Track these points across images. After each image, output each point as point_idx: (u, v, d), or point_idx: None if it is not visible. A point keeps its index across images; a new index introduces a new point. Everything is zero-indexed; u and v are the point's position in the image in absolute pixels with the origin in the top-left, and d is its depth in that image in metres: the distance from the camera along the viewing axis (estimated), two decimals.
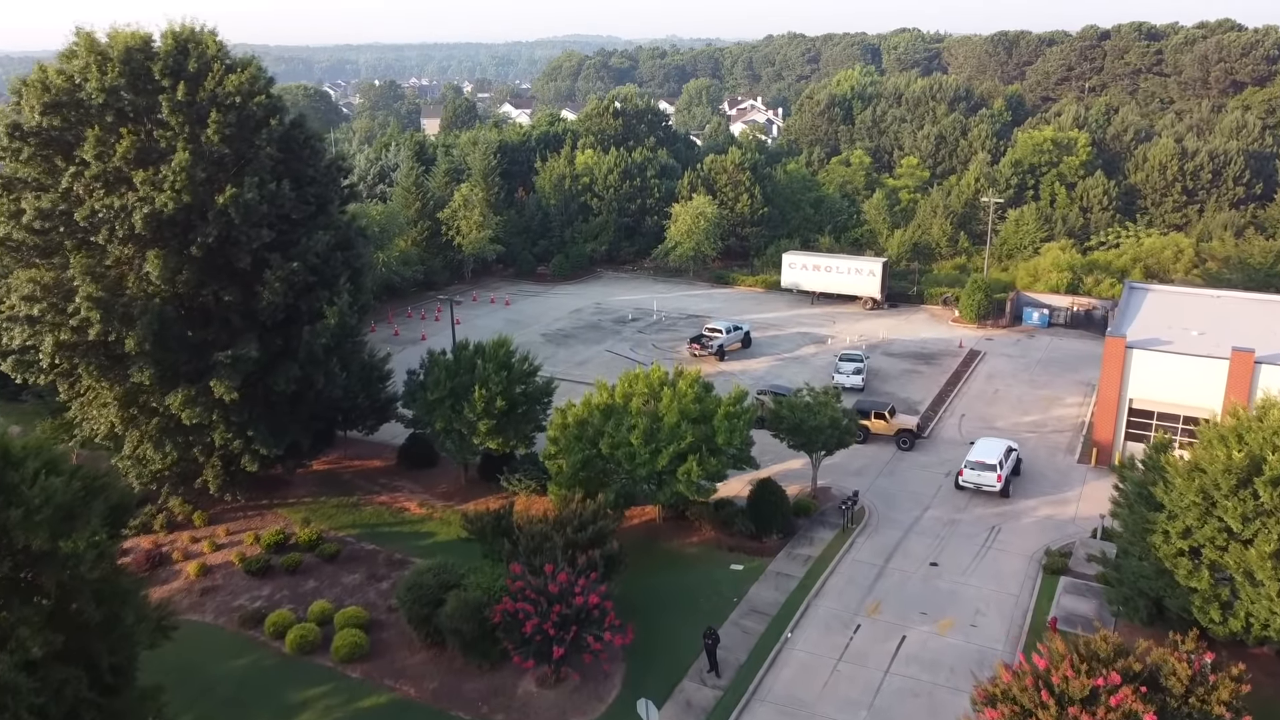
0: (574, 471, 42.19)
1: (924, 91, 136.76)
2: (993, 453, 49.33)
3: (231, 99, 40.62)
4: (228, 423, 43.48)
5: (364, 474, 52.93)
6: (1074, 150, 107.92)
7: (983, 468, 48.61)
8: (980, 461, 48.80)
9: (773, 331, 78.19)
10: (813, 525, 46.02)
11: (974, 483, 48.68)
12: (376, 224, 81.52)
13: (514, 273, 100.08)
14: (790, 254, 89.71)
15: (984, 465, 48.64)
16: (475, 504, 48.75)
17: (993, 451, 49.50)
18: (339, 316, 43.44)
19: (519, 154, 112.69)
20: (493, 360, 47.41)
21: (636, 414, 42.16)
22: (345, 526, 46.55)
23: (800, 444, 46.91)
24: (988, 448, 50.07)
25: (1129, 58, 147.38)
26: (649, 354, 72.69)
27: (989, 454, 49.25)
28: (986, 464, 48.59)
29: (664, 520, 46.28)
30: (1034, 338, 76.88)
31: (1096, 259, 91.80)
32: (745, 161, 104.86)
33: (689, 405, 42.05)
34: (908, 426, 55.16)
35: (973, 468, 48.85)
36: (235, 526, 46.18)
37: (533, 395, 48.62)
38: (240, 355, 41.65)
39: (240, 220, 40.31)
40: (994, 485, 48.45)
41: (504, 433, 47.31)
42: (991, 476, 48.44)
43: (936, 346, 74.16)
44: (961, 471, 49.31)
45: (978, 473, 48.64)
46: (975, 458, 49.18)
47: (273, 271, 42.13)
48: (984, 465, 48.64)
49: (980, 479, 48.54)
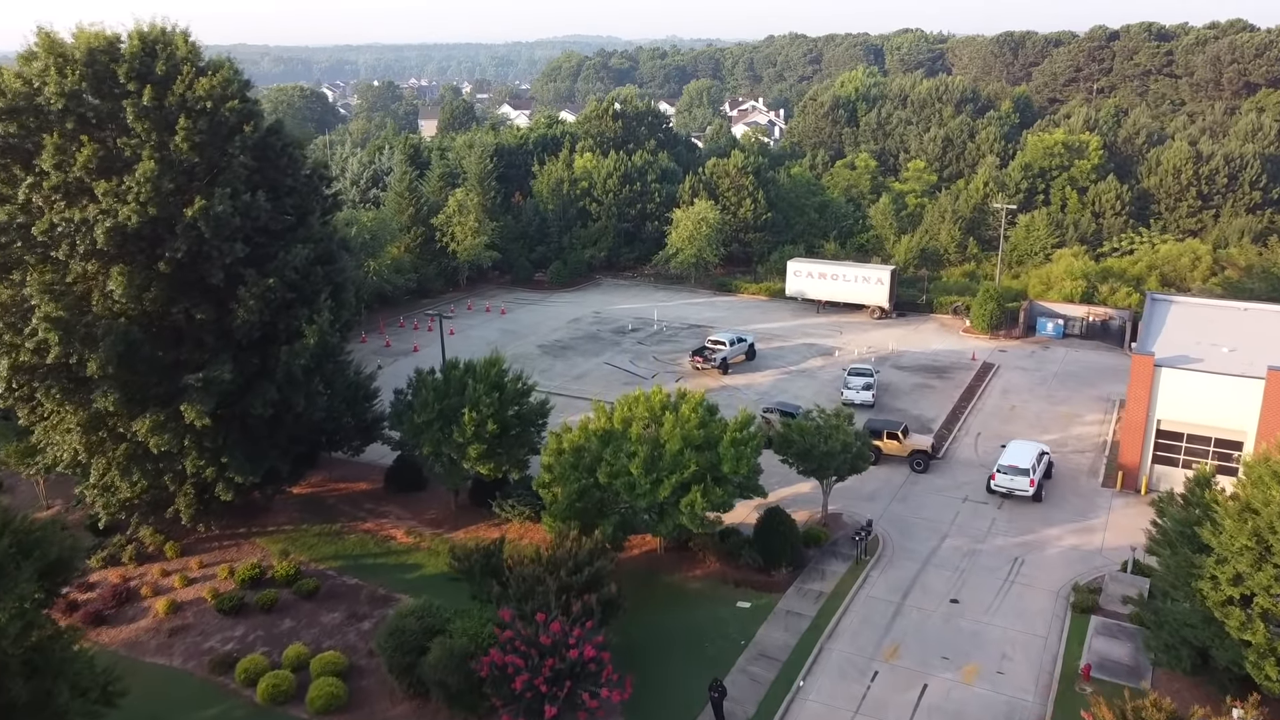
0: (569, 502, 39.43)
1: (930, 93, 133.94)
2: (1025, 456, 48.24)
3: (202, 104, 37.85)
4: (200, 449, 40.72)
5: (349, 498, 50.18)
6: (1085, 153, 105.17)
7: (1015, 472, 47.56)
8: (1013, 466, 47.72)
9: (777, 343, 75.43)
10: (824, 556, 43.25)
11: (1007, 487, 47.70)
12: (368, 230, 78.77)
13: (510, 280, 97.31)
14: (795, 261, 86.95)
15: (1017, 470, 47.57)
16: (465, 532, 46.20)
17: (1025, 455, 48.38)
18: (319, 335, 40.63)
19: (516, 157, 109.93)
20: (484, 380, 44.64)
21: (636, 440, 39.38)
22: (327, 558, 43.76)
23: (811, 470, 44.15)
24: (1020, 451, 48.93)
25: (1139, 59, 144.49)
26: (649, 367, 69.94)
27: (1022, 458, 48.15)
28: (1019, 468, 47.55)
29: (665, 550, 43.52)
30: (1049, 349, 74.09)
31: (1110, 266, 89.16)
32: (748, 165, 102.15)
33: (692, 431, 39.28)
34: (922, 447, 52.37)
35: (1005, 472, 47.77)
36: (210, 558, 43.39)
37: (526, 417, 45.84)
38: (212, 378, 38.89)
39: (211, 234, 37.56)
40: (1026, 490, 47.51)
41: (496, 457, 44.55)
42: (1024, 481, 47.41)
43: (948, 359, 71.40)
44: (994, 475, 48.23)
45: (1010, 477, 47.59)
46: (1008, 461, 48.06)
47: (247, 288, 39.41)
48: (1017, 470, 47.57)
49: (1013, 483, 47.54)
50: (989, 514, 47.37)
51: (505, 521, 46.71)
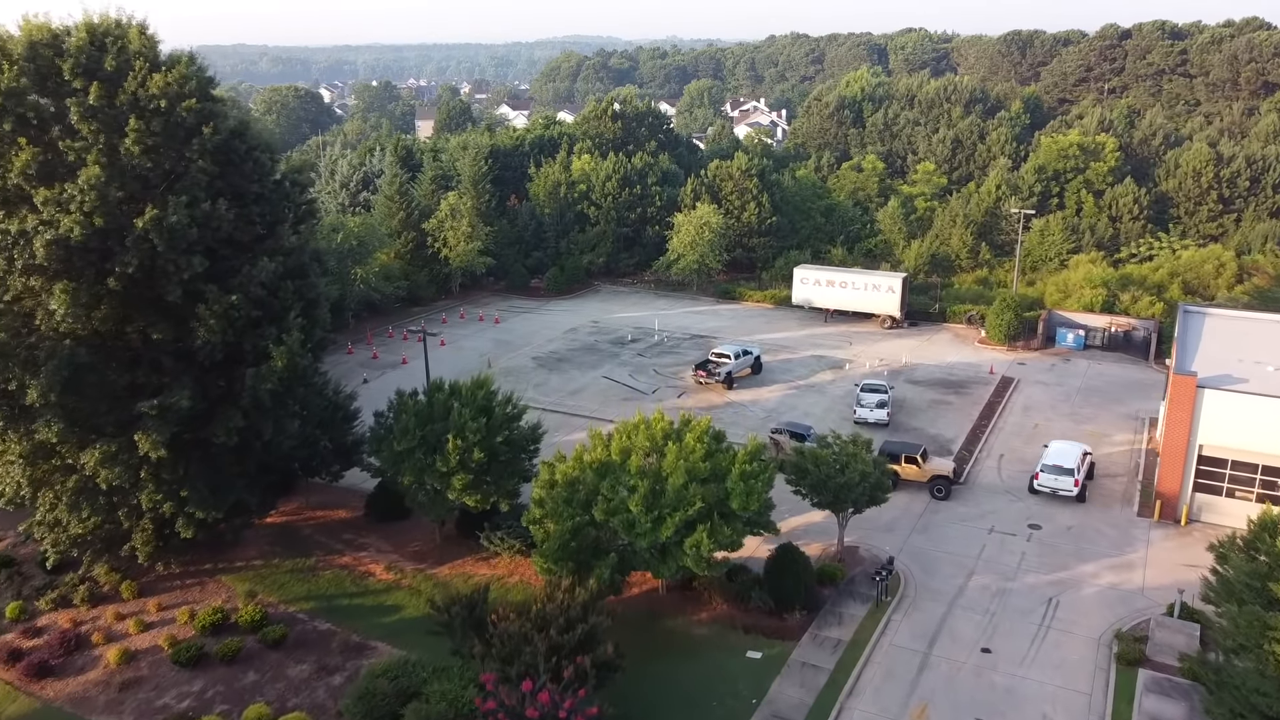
0: (562, 541, 35.77)
1: (938, 93, 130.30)
2: (1069, 456, 47.58)
3: (156, 103, 34.20)
4: (157, 482, 37.09)
5: (326, 528, 46.56)
6: (1101, 156, 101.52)
7: (1059, 472, 46.97)
8: (1057, 466, 47.12)
9: (785, 355, 71.77)
10: (840, 597, 39.60)
11: (1050, 487, 47.23)
12: (355, 237, 75.12)
13: (505, 287, 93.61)
14: (802, 268, 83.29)
15: (1061, 470, 46.98)
16: (451, 568, 42.67)
17: (1069, 455, 47.70)
18: (288, 357, 36.96)
19: (512, 159, 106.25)
20: (470, 404, 40.99)
21: (636, 473, 35.76)
22: (298, 599, 40.10)
23: (826, 503, 40.48)
24: (1064, 451, 48.28)
25: (1152, 58, 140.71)
26: (650, 381, 66.28)
27: (1066, 458, 47.52)
28: (1064, 468, 46.95)
29: (667, 590, 39.92)
30: (1070, 362, 70.43)
31: (1130, 273, 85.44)
32: (752, 167, 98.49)
33: (698, 463, 35.63)
34: (943, 473, 48.71)
35: (1049, 472, 47.20)
36: (170, 599, 39.72)
37: (517, 443, 42.21)
38: (169, 404, 35.26)
39: (165, 247, 33.91)
40: (1071, 490, 46.91)
41: (483, 488, 40.91)
42: (1069, 481, 46.82)
43: (965, 372, 67.74)
44: (1037, 475, 47.68)
45: (1054, 477, 47.03)
46: (1051, 461, 47.47)
47: (208, 306, 35.79)
48: (1061, 470, 46.98)
49: (1057, 483, 47.03)
50: (1018, 547, 43.75)
51: (494, 555, 43.14)
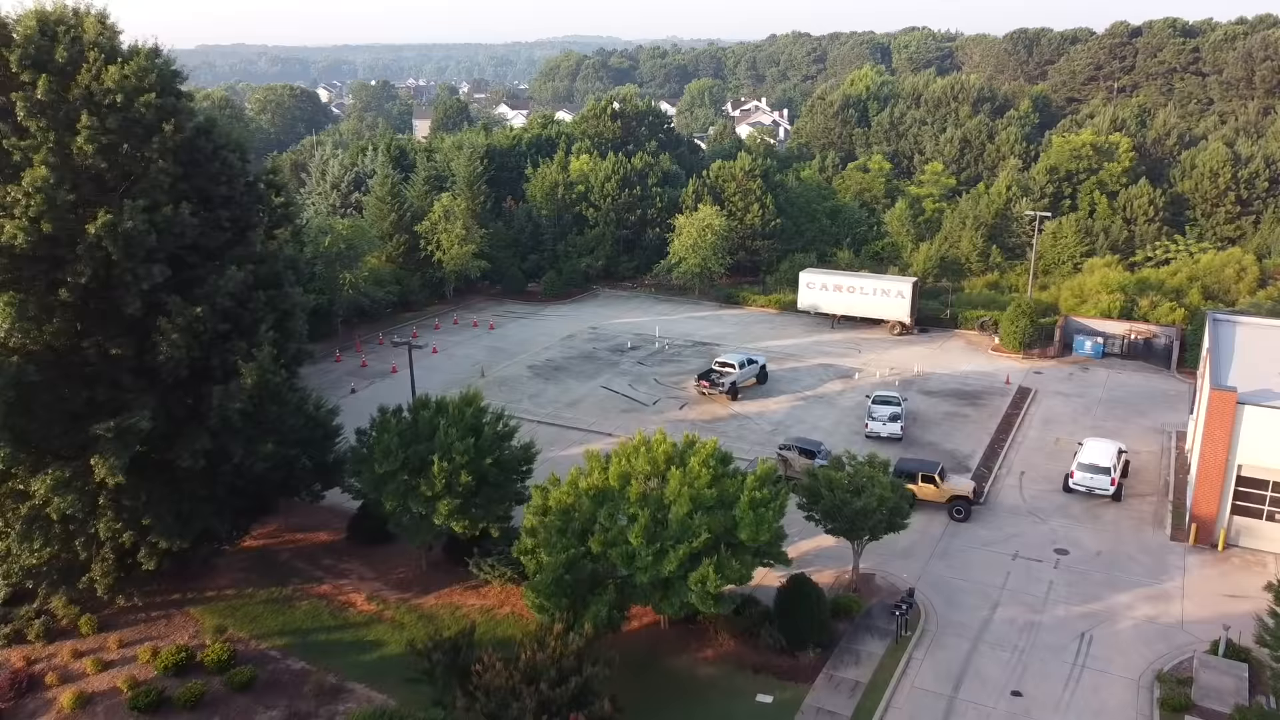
0: (556, 576, 32.84)
1: (944, 92, 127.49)
2: (1105, 454, 47.08)
3: (111, 97, 31.31)
4: (117, 509, 34.20)
5: (305, 552, 43.64)
6: (1115, 156, 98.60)
7: (1096, 470, 46.48)
8: (1093, 464, 46.61)
9: (791, 363, 68.84)
10: (857, 632, 36.68)
11: (1086, 486, 46.74)
12: (343, 240, 72.20)
13: (501, 291, 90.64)
14: (808, 272, 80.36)
15: (1097, 468, 46.47)
16: (437, 597, 39.82)
17: (1105, 453, 47.19)
18: (259, 373, 34.05)
19: (508, 159, 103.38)
20: (458, 423, 38.06)
21: (636, 501, 32.88)
22: (270, 633, 37.15)
23: (841, 530, 37.54)
24: (1099, 449, 47.72)
25: (1163, 56, 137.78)
26: (650, 391, 63.35)
27: (1102, 456, 47.01)
28: (1100, 466, 46.45)
29: (670, 625, 37.00)
30: (1088, 371, 67.50)
31: (1147, 277, 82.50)
32: (755, 168, 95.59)
33: (703, 490, 32.73)
34: (963, 493, 45.77)
35: (1085, 470, 46.71)
36: (132, 634, 36.75)
37: (508, 464, 39.29)
38: (127, 426, 32.35)
39: (121, 255, 31.02)
40: (1107, 489, 46.36)
41: (471, 514, 37.95)
42: (1105, 480, 46.28)
43: (979, 382, 64.79)
44: (1072, 473, 47.18)
45: (1090, 475, 46.56)
46: (1088, 460, 46.97)
47: (170, 319, 32.88)
48: (1097, 468, 46.47)
49: (1093, 482, 46.52)
50: (1045, 574, 40.84)
51: (484, 584, 40.26)
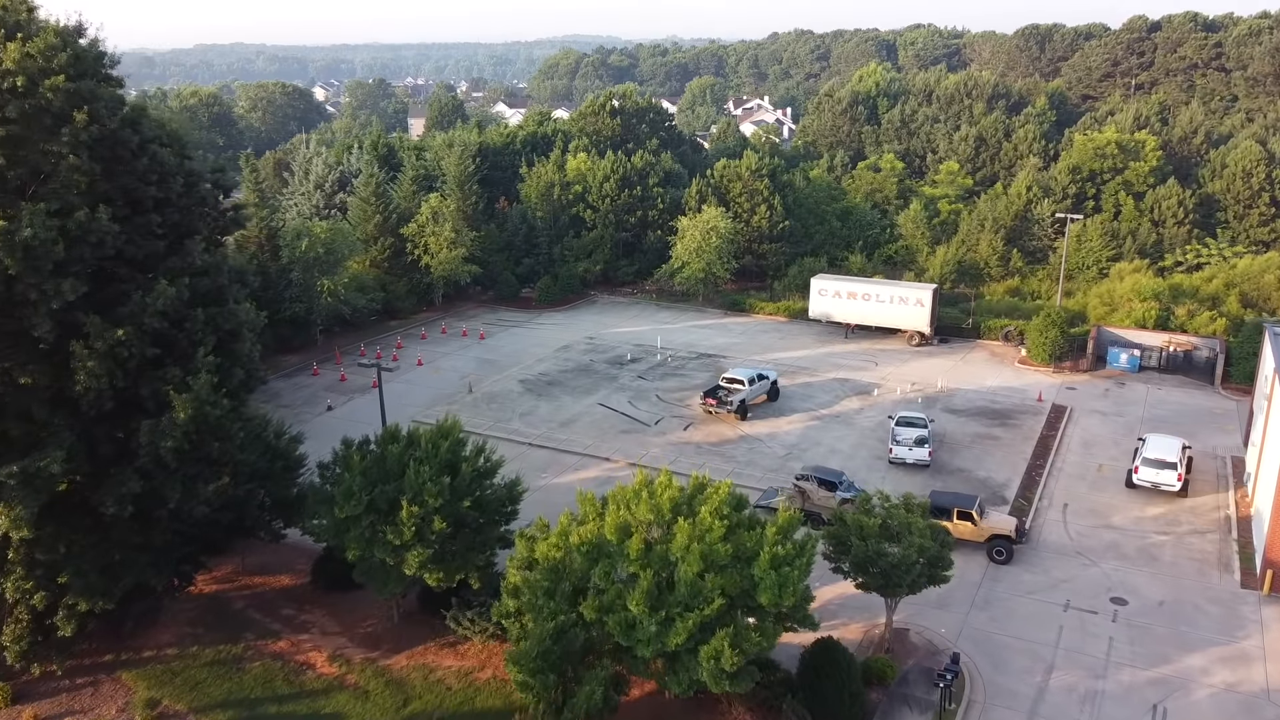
0: (543, 648, 27.78)
1: (957, 88, 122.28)
2: (1171, 449, 46.13)
3: (10, 81, 26.26)
4: (29, 565, 29.22)
5: (263, 599, 38.63)
6: (1141, 155, 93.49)
7: (1162, 465, 45.35)
8: (1159, 459, 45.49)
9: (804, 378, 63.76)
10: (893, 704, 31.67)
11: (1151, 481, 45.71)
12: (321, 244, 67.14)
13: (493, 297, 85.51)
14: (820, 278, 75.28)
15: (1164, 463, 45.36)
16: (409, 656, 34.98)
17: (1171, 448, 46.22)
18: (194, 406, 28.99)
19: (502, 158, 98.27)
20: (431, 460, 33.02)
21: (637, 558, 27.88)
22: (213, 705, 32.10)
23: (876, 586, 32.48)
24: (1164, 444, 46.71)
25: (1184, 51, 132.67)
26: (652, 409, 58.29)
27: (1168, 450, 45.98)
28: (1166, 461, 45.37)
29: (675, 697, 31.92)
30: (1125, 386, 62.44)
31: (1180, 283, 77.43)
32: (762, 167, 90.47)
33: (716, 546, 27.71)
34: (1003, 531, 40.72)
35: (1150, 466, 45.57)
36: (50, 707, 31.70)
37: (490, 506, 34.29)
38: (35, 470, 27.32)
39: (21, 268, 25.98)
40: (1174, 485, 45.24)
41: (446, 564, 32.98)
42: (1172, 475, 45.18)
43: (1009, 399, 59.71)
44: (1137, 469, 46.00)
45: (1156, 471, 45.42)
46: (1153, 455, 45.82)
47: (87, 343, 27.85)
48: (1164, 463, 45.36)
49: (1159, 478, 45.42)
50: (1103, 629, 35.84)
51: (463, 640, 35.27)
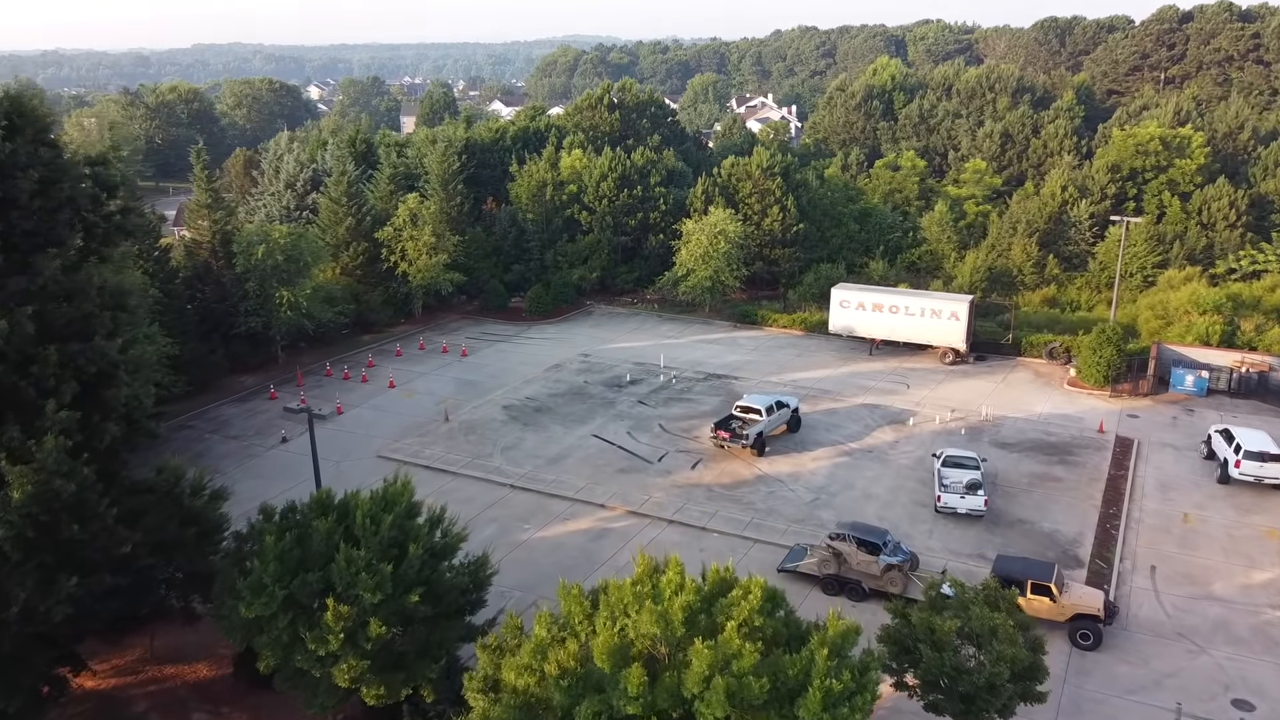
0: None
1: (979, 82, 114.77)
2: (1270, 441, 44.36)
3: None
4: None
5: (171, 699, 31.02)
6: (1188, 152, 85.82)
7: (1269, 459, 43.33)
8: (1263, 452, 43.54)
9: (827, 403, 56.01)
10: None
11: (1255, 475, 43.54)
12: (281, 250, 59.45)
13: (479, 308, 77.75)
14: (842, 288, 67.54)
15: (1267, 455, 43.41)
16: None
17: (1268, 440, 44.38)
18: (36, 480, 21.28)
19: (491, 155, 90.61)
20: (369, 540, 25.30)
21: (637, 695, 20.18)
22: None
23: (952, 710, 24.69)
24: (1263, 438, 44.63)
25: (1218, 43, 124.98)
26: (654, 442, 50.57)
27: (1270, 444, 44.06)
28: (1270, 454, 43.47)
29: None
30: (1194, 414, 54.64)
31: (1239, 293, 69.73)
32: (774, 165, 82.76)
33: (746, 679, 19.99)
34: (1090, 610, 32.87)
35: (1253, 459, 43.48)
36: None
37: (447, 595, 26.58)
38: None
39: None
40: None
41: (388, 674, 25.28)
42: (1278, 469, 43.05)
43: (1065, 429, 51.95)
44: (1238, 463, 43.73)
45: (1261, 464, 43.34)
46: (1256, 447, 43.85)
47: None
48: (1267, 455, 43.41)
49: (1264, 471, 43.35)
50: None
51: None
